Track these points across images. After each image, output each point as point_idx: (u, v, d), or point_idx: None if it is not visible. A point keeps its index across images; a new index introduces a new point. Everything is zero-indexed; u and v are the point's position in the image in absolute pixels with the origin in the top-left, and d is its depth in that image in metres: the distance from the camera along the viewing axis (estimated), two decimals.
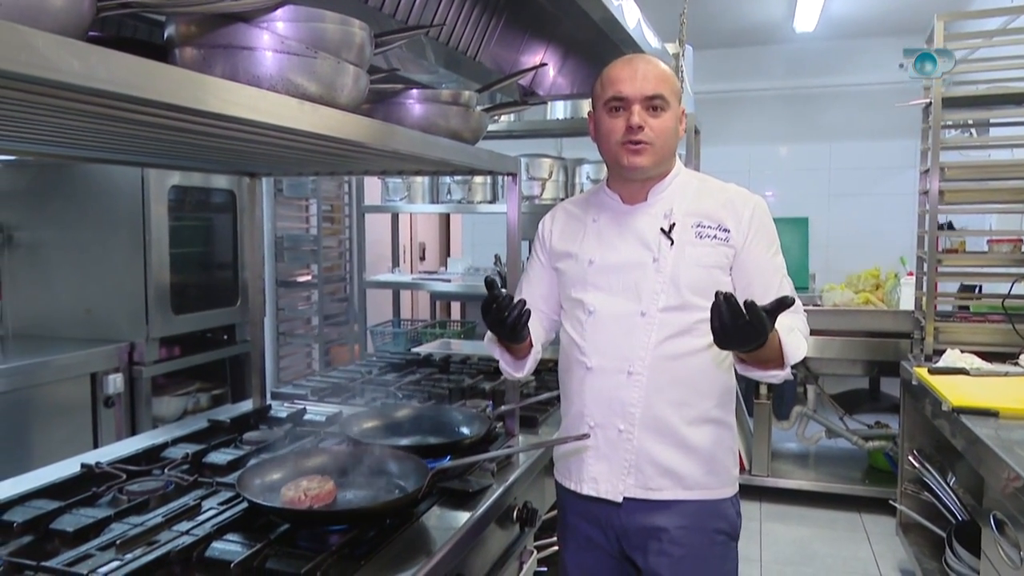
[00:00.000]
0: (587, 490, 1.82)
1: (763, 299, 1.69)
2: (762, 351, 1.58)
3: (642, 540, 1.79)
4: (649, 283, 1.77)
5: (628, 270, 1.80)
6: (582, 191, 4.44)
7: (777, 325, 1.59)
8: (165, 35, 1.10)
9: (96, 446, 3.03)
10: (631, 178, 1.82)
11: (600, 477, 1.81)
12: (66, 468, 1.78)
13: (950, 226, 4.17)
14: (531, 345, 1.89)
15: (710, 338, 1.65)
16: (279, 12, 1.08)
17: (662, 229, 1.79)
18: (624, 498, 1.78)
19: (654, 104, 1.74)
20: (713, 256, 1.77)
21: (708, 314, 1.63)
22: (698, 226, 1.78)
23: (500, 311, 1.69)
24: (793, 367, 1.70)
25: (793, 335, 1.67)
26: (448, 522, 1.57)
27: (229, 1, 0.98)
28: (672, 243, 1.77)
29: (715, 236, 1.77)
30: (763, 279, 1.78)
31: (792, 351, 1.66)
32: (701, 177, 1.91)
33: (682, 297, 1.74)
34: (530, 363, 1.93)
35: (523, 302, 1.73)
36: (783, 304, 1.52)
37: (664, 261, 1.77)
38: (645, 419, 1.77)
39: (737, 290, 1.75)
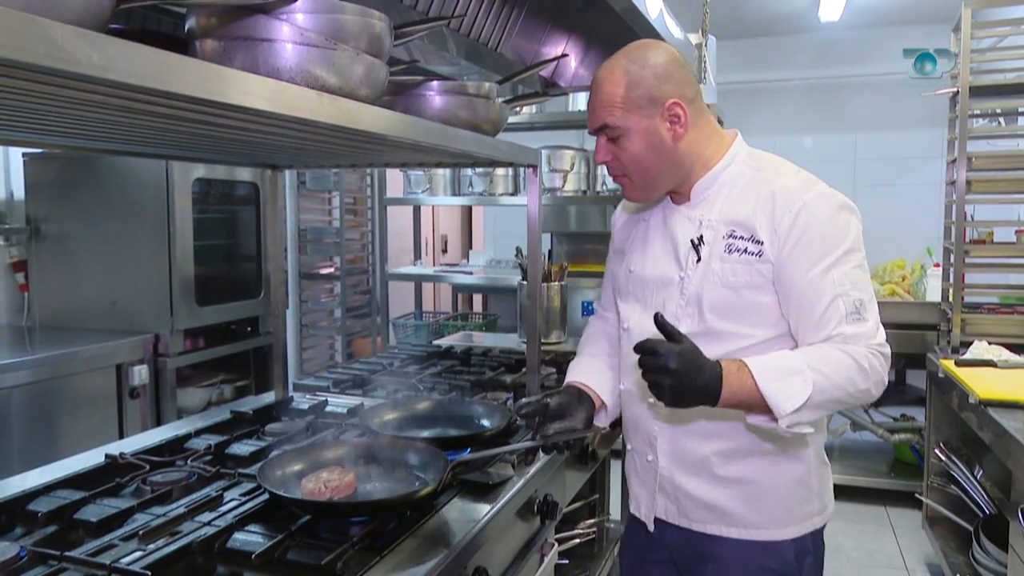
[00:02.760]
0: (633, 508, 1.79)
1: (800, 328, 1.47)
2: (733, 400, 1.37)
3: (691, 563, 1.68)
4: (673, 303, 1.59)
5: (659, 286, 1.63)
6: (604, 183, 4.44)
7: (762, 364, 1.38)
8: (186, 27, 1.10)
9: (121, 437, 3.07)
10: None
11: (640, 499, 1.75)
12: (90, 459, 1.79)
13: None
14: (601, 400, 1.75)
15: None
16: (299, 4, 1.08)
17: (692, 241, 1.58)
18: (660, 521, 1.69)
19: (608, 135, 1.56)
20: (744, 275, 1.51)
21: (742, 342, 1.47)
22: (730, 236, 1.53)
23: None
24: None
25: (790, 380, 1.37)
26: (468, 514, 1.57)
27: None
28: (699, 259, 1.56)
29: (745, 250, 1.50)
30: (801, 303, 1.47)
31: (778, 400, 1.35)
32: (760, 164, 1.61)
33: (705, 323, 1.53)
34: (611, 415, 1.79)
35: (541, 410, 1.64)
36: (662, 326, 1.34)
37: (688, 280, 1.57)
38: (672, 452, 1.63)
39: (782, 312, 1.52)
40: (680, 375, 1.32)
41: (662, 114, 1.53)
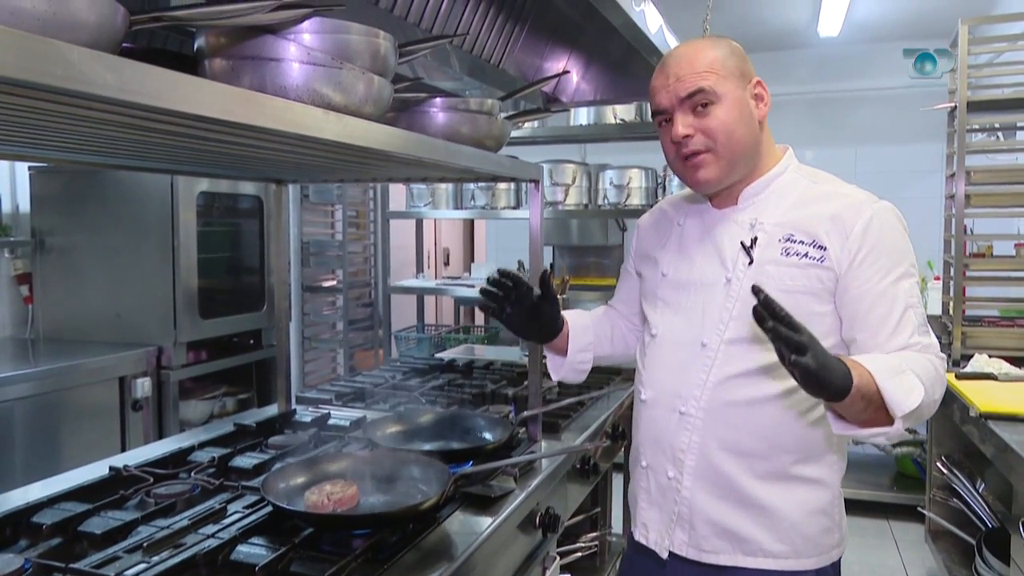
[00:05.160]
0: (638, 536, 1.67)
1: (873, 337, 1.42)
2: (861, 391, 1.25)
3: None
4: (717, 308, 1.52)
5: (699, 290, 1.56)
6: (605, 197, 4.46)
7: (873, 363, 1.29)
8: (195, 46, 1.12)
9: (124, 449, 3.08)
10: (707, 192, 1.59)
11: (650, 524, 1.64)
12: (94, 471, 1.80)
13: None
14: (566, 344, 1.79)
15: (788, 382, 1.33)
16: (306, 24, 1.10)
17: (742, 243, 1.52)
18: (670, 554, 1.60)
19: (697, 102, 1.46)
20: (801, 279, 1.46)
21: None
22: (787, 240, 1.48)
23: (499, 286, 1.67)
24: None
25: (902, 377, 1.29)
26: (470, 527, 1.57)
27: (257, 14, 1.00)
28: (751, 261, 1.50)
29: (806, 254, 1.46)
30: (874, 311, 1.43)
31: (898, 397, 1.27)
32: (816, 177, 1.58)
33: (753, 328, 1.39)
34: (565, 368, 1.81)
35: (517, 285, 1.67)
36: (766, 304, 1.21)
37: (738, 282, 1.51)
38: (699, 469, 1.54)
39: (843, 326, 1.48)
40: (818, 351, 1.21)
41: (749, 90, 1.51)
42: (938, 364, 1.41)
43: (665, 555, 1.61)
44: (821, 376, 1.21)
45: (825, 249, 1.46)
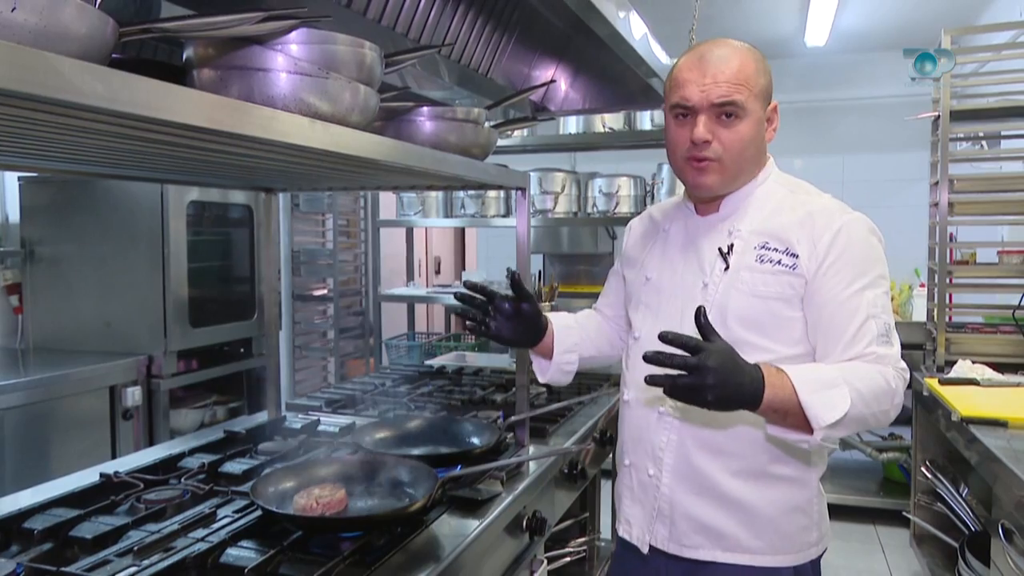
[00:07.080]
0: (622, 532, 1.73)
1: (832, 345, 1.46)
2: (774, 404, 1.31)
3: None
4: (693, 311, 1.50)
5: (678, 294, 1.61)
6: (595, 205, 4.49)
7: (801, 376, 1.34)
8: (184, 57, 1.14)
9: (114, 458, 3.07)
10: (699, 196, 1.63)
11: (633, 521, 1.69)
12: (85, 478, 1.81)
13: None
14: (551, 348, 1.82)
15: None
16: (293, 35, 1.12)
17: (720, 249, 1.57)
18: (651, 548, 1.65)
19: (725, 111, 1.48)
20: (774, 285, 1.50)
21: (763, 356, 1.40)
22: (762, 247, 1.53)
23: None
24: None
25: (831, 391, 1.33)
26: (457, 529, 1.59)
27: (245, 25, 1.02)
28: (727, 267, 1.55)
29: (779, 261, 1.50)
30: (834, 320, 1.47)
31: (818, 411, 1.31)
32: (794, 186, 1.62)
33: (729, 331, 1.47)
34: (552, 370, 1.84)
35: (490, 297, 1.73)
36: (702, 326, 1.29)
37: (714, 287, 1.56)
38: (677, 467, 1.59)
39: (808, 330, 1.52)
40: (723, 372, 1.26)
41: (767, 112, 1.56)
42: (891, 375, 1.42)
43: (646, 549, 1.66)
44: (720, 397, 1.27)
45: (797, 257, 1.50)
